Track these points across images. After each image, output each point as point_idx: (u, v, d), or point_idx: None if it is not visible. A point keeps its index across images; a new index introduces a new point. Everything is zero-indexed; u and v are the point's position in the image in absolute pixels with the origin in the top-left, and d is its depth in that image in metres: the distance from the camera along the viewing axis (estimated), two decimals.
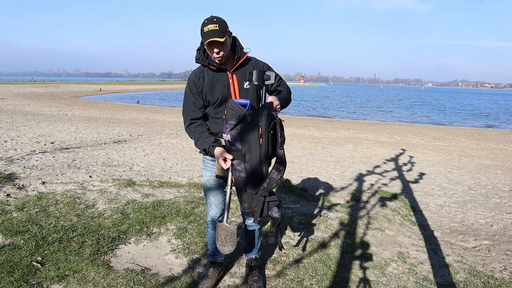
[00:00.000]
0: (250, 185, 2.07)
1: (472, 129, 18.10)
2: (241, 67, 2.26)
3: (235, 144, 2.04)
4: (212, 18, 2.11)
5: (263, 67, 2.34)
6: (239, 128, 2.03)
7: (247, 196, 2.11)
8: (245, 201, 2.13)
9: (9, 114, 14.78)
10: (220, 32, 2.06)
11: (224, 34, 2.08)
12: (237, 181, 2.10)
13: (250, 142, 2.01)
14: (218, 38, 2.05)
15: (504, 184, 6.57)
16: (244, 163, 2.04)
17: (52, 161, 6.38)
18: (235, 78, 2.24)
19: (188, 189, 4.59)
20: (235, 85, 2.23)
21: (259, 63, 2.35)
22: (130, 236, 3.17)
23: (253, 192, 2.09)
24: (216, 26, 2.07)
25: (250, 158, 2.03)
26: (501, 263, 3.16)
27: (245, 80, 2.25)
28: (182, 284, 2.53)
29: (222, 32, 2.07)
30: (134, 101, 30.01)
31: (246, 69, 2.26)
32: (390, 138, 12.73)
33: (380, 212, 4.13)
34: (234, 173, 2.09)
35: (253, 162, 2.03)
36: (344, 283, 2.63)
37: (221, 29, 2.07)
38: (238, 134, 2.02)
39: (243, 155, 2.04)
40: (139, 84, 75.89)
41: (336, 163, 7.95)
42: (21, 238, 2.95)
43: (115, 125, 13.00)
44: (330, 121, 19.80)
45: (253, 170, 2.03)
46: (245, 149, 2.02)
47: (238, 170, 2.07)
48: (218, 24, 2.08)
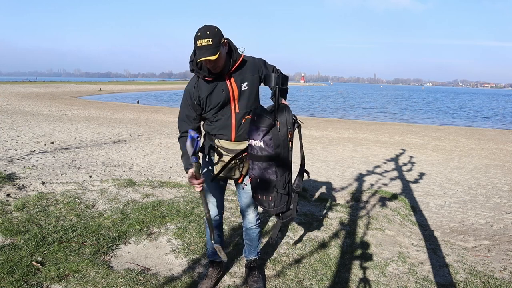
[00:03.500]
0: (280, 185, 2.18)
1: (472, 129, 18.10)
2: (238, 69, 2.23)
3: (267, 149, 2.12)
4: (205, 31, 2.01)
5: (260, 64, 2.32)
6: (271, 134, 2.11)
7: (275, 195, 2.21)
8: (272, 200, 2.23)
9: (9, 114, 14.79)
10: (213, 48, 1.99)
11: (218, 49, 2.01)
12: (266, 182, 2.19)
13: (282, 146, 2.13)
14: (210, 56, 1.99)
15: (504, 184, 6.57)
16: (275, 166, 2.15)
17: (52, 161, 6.38)
18: (233, 80, 2.21)
19: (188, 189, 4.59)
20: (233, 88, 2.21)
21: (256, 61, 2.32)
22: (130, 236, 3.17)
23: (283, 192, 2.19)
24: (209, 41, 1.98)
25: (282, 161, 2.15)
26: (501, 263, 3.16)
27: (242, 82, 2.23)
28: (182, 284, 2.53)
29: (215, 47, 2.00)
30: (134, 101, 30.01)
31: (244, 71, 2.24)
32: (390, 138, 12.73)
33: (380, 212, 4.13)
34: (263, 174, 2.18)
35: (284, 165, 2.16)
36: (344, 283, 2.63)
37: (214, 43, 2.00)
38: (271, 140, 2.11)
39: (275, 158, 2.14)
40: (139, 84, 75.90)
41: (336, 163, 7.96)
42: (21, 238, 2.95)
43: (115, 125, 13.00)
44: (330, 121, 19.80)
45: (284, 172, 2.18)
46: (278, 153, 2.12)
47: (269, 173, 2.16)
48: (211, 38, 1.99)
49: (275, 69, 2.40)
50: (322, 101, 40.21)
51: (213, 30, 2.03)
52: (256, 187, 2.24)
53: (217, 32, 2.04)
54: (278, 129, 2.10)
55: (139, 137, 10.25)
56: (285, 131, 2.10)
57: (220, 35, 2.06)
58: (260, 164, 2.15)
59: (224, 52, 2.10)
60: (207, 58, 1.99)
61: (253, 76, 2.26)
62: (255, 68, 2.28)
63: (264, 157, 2.13)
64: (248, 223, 2.52)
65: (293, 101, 36.28)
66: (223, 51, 2.09)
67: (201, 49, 2.00)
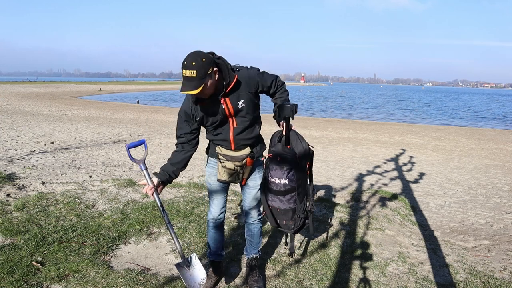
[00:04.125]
0: (301, 211, 2.36)
1: (472, 129, 18.10)
2: (233, 90, 2.13)
3: (291, 184, 2.26)
4: (191, 61, 1.90)
5: (255, 78, 2.20)
6: (294, 170, 2.23)
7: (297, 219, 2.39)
8: (293, 224, 2.41)
9: (9, 114, 14.79)
10: (197, 81, 1.90)
11: (202, 82, 1.91)
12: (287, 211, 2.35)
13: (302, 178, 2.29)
14: (192, 91, 1.90)
15: (504, 184, 6.57)
16: (296, 196, 2.31)
17: (52, 161, 6.38)
18: (228, 101, 2.14)
19: (188, 189, 4.59)
20: (229, 108, 2.16)
21: (250, 75, 2.18)
22: (130, 236, 3.17)
23: (303, 216, 2.38)
24: (193, 73, 1.88)
25: (303, 189, 2.32)
26: (501, 263, 3.16)
27: (238, 100, 2.15)
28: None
29: (199, 79, 1.90)
30: (134, 101, 30.01)
31: (240, 90, 2.15)
32: (390, 138, 12.73)
33: (380, 212, 4.13)
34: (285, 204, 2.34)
35: (303, 191, 2.34)
36: (344, 283, 2.63)
37: (199, 76, 1.89)
38: (294, 175, 2.25)
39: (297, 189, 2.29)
40: (139, 84, 75.88)
41: (336, 163, 7.95)
42: (21, 238, 2.95)
43: (115, 125, 13.00)
44: (330, 121, 19.80)
45: (303, 198, 2.35)
46: (299, 184, 2.28)
47: (290, 202, 2.33)
48: (196, 70, 1.88)
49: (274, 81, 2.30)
50: (322, 101, 40.20)
51: (200, 61, 1.91)
52: (277, 215, 2.41)
53: (203, 63, 1.91)
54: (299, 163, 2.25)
55: (139, 137, 10.25)
56: (304, 162, 2.25)
57: (207, 66, 1.93)
58: (282, 197, 2.30)
59: (212, 81, 2.00)
60: (189, 92, 1.91)
61: (249, 93, 2.18)
62: (251, 83, 2.18)
63: (287, 191, 2.27)
64: (250, 218, 2.54)
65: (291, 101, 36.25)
66: (212, 81, 2.00)
67: (185, 80, 1.92)
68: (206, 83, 1.95)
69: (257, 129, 2.34)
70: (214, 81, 2.03)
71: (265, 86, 2.27)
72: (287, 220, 2.40)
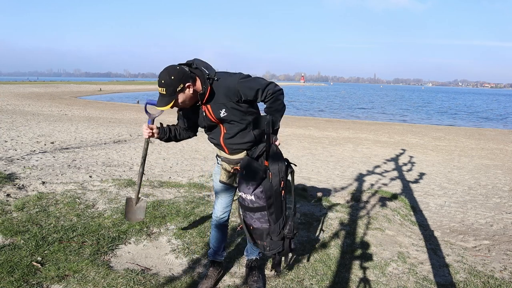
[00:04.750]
0: (275, 232, 2.12)
1: (472, 129, 18.10)
2: (211, 98, 2.12)
3: (259, 201, 2.05)
4: (161, 79, 1.97)
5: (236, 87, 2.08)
6: (262, 186, 2.02)
7: (270, 241, 2.15)
8: (267, 245, 2.17)
9: (9, 114, 14.79)
10: (167, 97, 1.98)
11: (172, 98, 1.98)
12: (259, 230, 2.13)
13: (274, 196, 2.04)
14: (162, 107, 2.00)
15: (504, 184, 6.57)
16: (268, 215, 2.08)
17: (52, 161, 6.38)
18: (210, 108, 2.14)
19: (188, 189, 4.59)
20: (212, 115, 2.17)
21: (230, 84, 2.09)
22: (130, 236, 3.17)
23: (277, 239, 2.13)
24: (163, 90, 1.97)
25: (275, 210, 2.07)
26: (501, 263, 3.16)
27: (220, 109, 2.13)
28: (182, 284, 2.53)
29: (169, 96, 1.97)
30: (134, 101, 30.01)
31: (217, 99, 2.12)
32: (390, 138, 12.73)
33: (380, 212, 4.13)
34: (255, 223, 2.13)
35: (278, 213, 2.08)
36: (344, 283, 2.63)
37: (168, 93, 1.96)
38: (262, 192, 2.03)
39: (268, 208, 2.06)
40: (139, 84, 75.86)
41: (336, 163, 7.95)
42: (21, 238, 2.95)
43: (115, 125, 13.00)
44: (330, 121, 19.80)
45: (277, 219, 2.10)
46: (270, 203, 2.05)
47: (262, 221, 2.10)
48: (165, 87, 1.96)
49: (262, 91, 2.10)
50: (322, 102, 40.19)
51: (168, 78, 1.96)
52: (251, 233, 2.20)
53: (172, 81, 1.96)
54: (270, 180, 2.01)
55: (139, 137, 10.25)
56: (277, 181, 2.01)
57: (177, 83, 1.96)
58: (252, 214, 2.09)
59: (185, 95, 2.03)
60: (159, 108, 2.03)
61: (230, 102, 2.11)
62: (230, 93, 2.09)
63: (256, 208, 2.06)
64: None
65: (291, 102, 36.27)
66: (185, 95, 2.03)
67: (159, 95, 2.02)
68: (177, 98, 2.01)
69: (252, 134, 2.23)
70: (189, 94, 2.05)
71: (249, 96, 2.09)
72: (261, 240, 2.17)
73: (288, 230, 2.12)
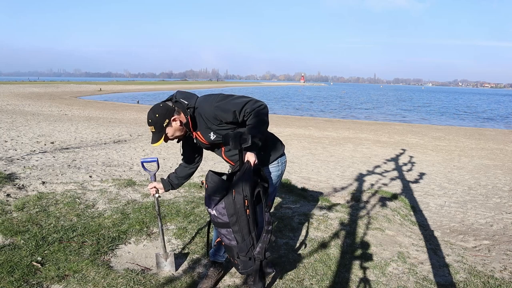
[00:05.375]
0: (242, 251, 2.06)
1: (472, 129, 18.10)
2: (196, 125, 2.23)
3: (222, 218, 2.01)
4: (148, 119, 2.14)
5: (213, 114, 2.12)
6: (224, 202, 1.98)
7: (239, 260, 2.10)
8: (239, 264, 2.12)
9: (9, 114, 14.79)
10: (157, 133, 2.14)
11: (161, 134, 2.14)
12: (228, 247, 2.11)
13: (238, 214, 1.98)
14: (155, 143, 2.15)
15: (504, 184, 6.57)
16: (233, 233, 2.03)
17: (52, 161, 6.38)
18: (200, 134, 2.26)
19: (188, 189, 4.60)
20: (203, 140, 2.28)
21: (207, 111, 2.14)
22: (130, 236, 3.17)
23: (245, 258, 2.07)
24: (152, 128, 2.14)
25: (239, 228, 2.01)
26: (501, 263, 3.16)
27: (208, 133, 2.21)
28: (182, 284, 2.53)
29: (158, 132, 2.13)
30: (134, 101, 30.01)
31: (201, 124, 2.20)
32: (390, 138, 12.73)
33: (380, 212, 4.13)
34: (224, 239, 2.10)
35: (243, 232, 2.02)
36: (344, 283, 2.63)
37: (157, 129, 2.13)
38: (224, 209, 1.99)
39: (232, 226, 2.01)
40: (139, 84, 75.85)
41: (336, 163, 7.95)
42: (21, 238, 2.95)
43: (115, 125, 13.00)
44: (330, 121, 19.80)
45: (244, 239, 2.03)
46: (233, 221, 2.00)
47: (228, 238, 2.06)
48: (153, 125, 2.13)
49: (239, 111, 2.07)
50: (322, 102, 40.19)
51: (154, 117, 2.12)
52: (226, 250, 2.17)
53: (157, 118, 2.12)
54: (233, 197, 1.95)
55: (139, 137, 10.25)
56: (240, 199, 1.95)
57: (162, 119, 2.11)
58: (220, 229, 2.06)
59: (174, 128, 2.17)
60: (153, 144, 2.17)
61: (213, 125, 2.16)
62: (210, 118, 2.15)
63: (221, 224, 2.03)
64: None
65: (291, 102, 36.26)
66: (172, 129, 2.18)
67: (152, 134, 2.18)
68: (166, 133, 2.16)
69: None
70: (177, 127, 2.18)
71: (227, 118, 2.11)
72: (233, 258, 2.12)
73: (258, 252, 2.03)
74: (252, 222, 2.01)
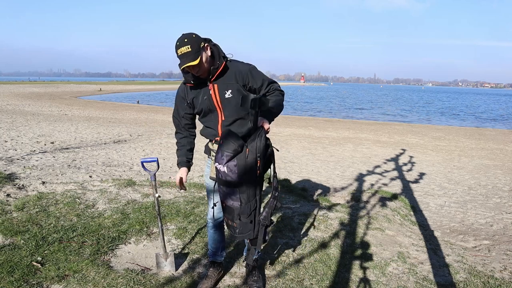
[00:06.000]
0: (245, 214, 2.07)
1: (472, 129, 18.10)
2: (222, 76, 2.18)
3: (231, 175, 2.00)
4: (183, 39, 2.04)
5: (247, 73, 2.20)
6: (236, 160, 1.98)
7: (239, 223, 2.10)
8: (237, 227, 2.12)
9: (9, 114, 14.79)
10: (193, 54, 2.02)
11: (198, 54, 2.04)
12: (230, 209, 2.10)
13: (248, 174, 2.00)
14: (191, 62, 2.03)
15: (504, 184, 6.57)
16: (239, 193, 2.04)
17: (52, 161, 6.38)
18: (216, 88, 2.18)
19: (188, 189, 4.60)
20: (216, 96, 2.19)
21: (242, 69, 2.20)
22: (130, 236, 3.17)
23: (247, 220, 2.09)
24: (188, 47, 2.02)
25: (246, 188, 2.03)
26: (501, 263, 3.16)
27: (226, 90, 2.18)
28: (182, 284, 2.53)
29: (195, 52, 2.03)
30: (134, 101, 30.01)
31: (227, 78, 2.19)
32: (390, 138, 12.73)
33: (380, 212, 4.13)
34: (227, 200, 2.09)
35: (249, 193, 2.04)
36: (344, 283, 2.63)
37: (194, 49, 2.03)
38: (235, 166, 1.99)
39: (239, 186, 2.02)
40: (139, 84, 75.87)
41: (336, 163, 7.95)
42: (21, 238, 2.95)
43: (115, 125, 13.00)
44: (330, 121, 19.80)
45: (249, 200, 2.05)
46: (242, 180, 2.00)
47: (233, 199, 2.06)
48: (190, 44, 2.02)
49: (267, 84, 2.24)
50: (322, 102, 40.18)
51: (191, 36, 2.06)
52: (223, 210, 2.18)
53: (195, 38, 2.06)
54: (246, 156, 1.98)
55: (139, 137, 10.25)
56: (253, 158, 1.97)
57: (199, 40, 2.07)
58: (225, 189, 2.07)
59: (206, 56, 2.10)
60: (189, 64, 2.03)
61: (237, 85, 2.18)
62: (239, 76, 2.19)
63: (228, 182, 2.03)
64: None
65: (290, 102, 36.24)
66: (205, 55, 2.10)
67: (182, 57, 2.04)
68: (202, 56, 2.06)
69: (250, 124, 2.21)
70: (207, 57, 2.11)
71: (255, 83, 2.20)
72: (231, 220, 2.12)
73: (264, 217, 2.09)
74: (260, 184, 2.07)
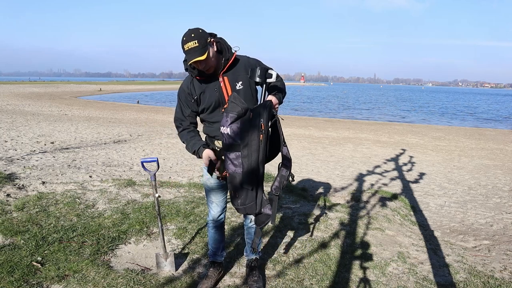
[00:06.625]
0: (247, 180, 2.02)
1: (472, 129, 18.10)
2: (231, 68, 2.21)
3: (234, 138, 1.98)
4: (190, 34, 2.03)
5: (255, 63, 2.28)
6: (240, 122, 1.97)
7: (241, 192, 2.06)
8: (239, 197, 2.08)
9: (9, 114, 14.79)
10: (200, 48, 2.01)
11: (205, 49, 2.03)
12: (232, 176, 2.05)
13: (251, 137, 1.97)
14: (199, 57, 2.01)
15: (504, 184, 6.57)
16: (242, 157, 2.00)
17: (52, 161, 6.38)
18: (226, 80, 2.20)
19: (188, 189, 4.60)
20: (227, 87, 2.20)
21: (250, 61, 2.29)
22: (130, 236, 3.17)
23: (248, 188, 2.05)
24: (195, 42, 2.01)
25: (249, 153, 1.99)
26: (501, 263, 3.16)
27: (236, 81, 2.20)
28: (182, 284, 2.53)
29: (202, 47, 2.02)
30: (134, 101, 30.01)
31: (237, 69, 2.22)
32: (390, 138, 12.72)
33: (380, 212, 4.13)
34: (229, 167, 2.05)
35: (252, 158, 2.00)
36: (344, 283, 2.63)
37: (201, 44, 2.02)
38: (238, 128, 1.97)
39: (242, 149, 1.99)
40: (139, 84, 75.86)
41: (336, 163, 7.95)
42: (21, 238, 2.95)
43: (115, 125, 13.00)
44: (330, 121, 19.80)
45: (251, 166, 2.00)
46: (245, 143, 1.98)
47: (235, 164, 2.01)
48: (197, 39, 2.01)
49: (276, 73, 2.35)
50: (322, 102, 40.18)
51: (197, 32, 2.05)
52: (229, 182, 2.12)
53: (201, 33, 2.05)
54: (250, 119, 1.98)
55: (139, 137, 10.25)
56: (256, 123, 1.97)
57: (206, 35, 2.07)
58: (228, 154, 2.03)
59: (213, 51, 2.11)
60: (196, 59, 2.01)
61: (247, 76, 2.20)
62: (249, 67, 2.22)
63: (231, 146, 2.00)
64: (249, 222, 2.53)
65: (289, 102, 36.23)
66: (212, 50, 2.10)
67: (190, 52, 2.03)
68: (209, 51, 2.05)
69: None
70: (214, 52, 2.11)
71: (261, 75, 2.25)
72: (234, 191, 2.08)
73: (276, 187, 2.10)
74: (263, 149, 2.00)
